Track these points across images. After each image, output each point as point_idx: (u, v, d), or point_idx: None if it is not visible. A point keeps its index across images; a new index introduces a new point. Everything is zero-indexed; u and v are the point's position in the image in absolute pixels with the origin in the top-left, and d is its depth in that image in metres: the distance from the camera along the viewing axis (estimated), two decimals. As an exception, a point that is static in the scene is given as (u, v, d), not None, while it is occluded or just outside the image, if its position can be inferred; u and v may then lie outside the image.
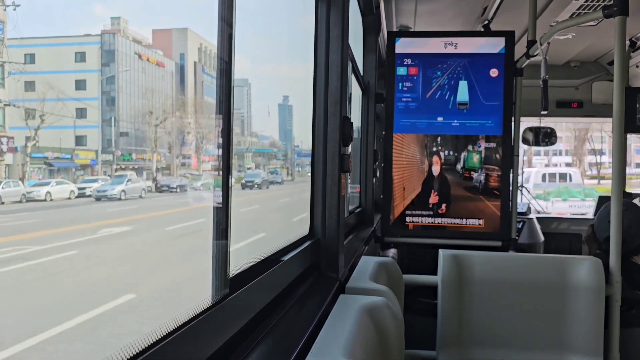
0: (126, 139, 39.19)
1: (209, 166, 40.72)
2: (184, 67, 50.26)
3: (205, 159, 41.53)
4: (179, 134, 40.83)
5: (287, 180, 38.47)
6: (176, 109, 42.33)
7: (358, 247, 2.45)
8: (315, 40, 1.80)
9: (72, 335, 5.61)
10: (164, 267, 9.41)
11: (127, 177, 22.49)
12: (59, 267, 8.76)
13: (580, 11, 3.26)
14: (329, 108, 1.76)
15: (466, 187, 3.26)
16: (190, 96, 46.09)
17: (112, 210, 17.28)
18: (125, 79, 40.23)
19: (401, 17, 3.69)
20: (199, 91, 49.69)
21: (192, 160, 41.80)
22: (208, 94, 49.35)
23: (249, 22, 10.24)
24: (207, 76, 51.85)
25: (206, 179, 29.14)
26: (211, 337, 0.97)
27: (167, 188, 25.67)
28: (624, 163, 2.46)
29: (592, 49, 4.20)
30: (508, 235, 3.21)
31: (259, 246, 7.61)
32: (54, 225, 13.35)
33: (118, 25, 42.73)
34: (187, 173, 37.49)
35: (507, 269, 2.39)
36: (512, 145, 3.24)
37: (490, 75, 3.22)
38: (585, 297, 2.25)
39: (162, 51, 46.90)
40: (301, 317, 1.33)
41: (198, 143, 40.94)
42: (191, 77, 50.72)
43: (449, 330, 2.37)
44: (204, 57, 53.29)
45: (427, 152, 3.30)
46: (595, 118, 4.80)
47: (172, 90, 45.64)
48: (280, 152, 49.58)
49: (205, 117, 42.83)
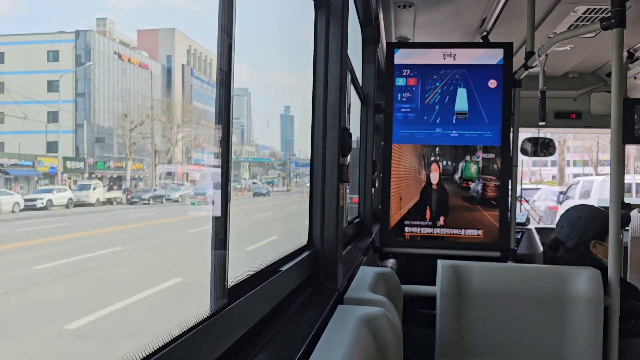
0: (103, 145, 35.30)
1: (197, 176, 38.30)
2: (170, 69, 46.75)
3: (193, 168, 39.22)
4: (164, 141, 37.78)
5: (281, 191, 35.83)
6: (161, 113, 39.05)
7: (357, 257, 2.45)
8: (315, 52, 1.81)
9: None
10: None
11: (91, 186, 20.54)
12: None
13: (578, 23, 3.28)
14: (328, 119, 1.77)
15: (464, 197, 3.27)
16: (178, 100, 42.59)
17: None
18: (102, 80, 36.56)
19: (400, 28, 3.71)
20: (187, 95, 46.30)
21: (177, 169, 38.56)
22: (198, 98, 46.98)
23: (250, 32, 10.21)
24: (196, 80, 48.76)
25: (186, 189, 26.95)
26: (209, 347, 0.97)
27: (138, 199, 23.01)
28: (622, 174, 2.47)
29: (590, 61, 4.23)
30: (507, 246, 3.21)
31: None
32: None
33: (104, 27, 40.44)
34: (171, 183, 34.30)
35: (506, 279, 2.39)
36: (510, 156, 3.25)
37: (489, 86, 3.23)
38: (584, 308, 2.25)
39: (148, 52, 43.69)
40: (299, 328, 1.33)
41: (185, 150, 38.68)
42: (178, 81, 47.05)
43: (447, 341, 2.36)
44: (193, 60, 49.92)
45: (424, 162, 3.31)
46: (593, 129, 4.82)
47: (156, 94, 41.61)
48: (278, 162, 47.83)
49: (194, 124, 40.62)
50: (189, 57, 49.15)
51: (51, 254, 9.87)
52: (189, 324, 0.92)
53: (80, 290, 7.80)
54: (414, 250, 3.32)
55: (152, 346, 0.80)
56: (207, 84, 49.09)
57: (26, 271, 8.64)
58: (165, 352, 0.81)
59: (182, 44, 48.55)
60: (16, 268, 8.71)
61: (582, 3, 2.96)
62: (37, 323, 6.20)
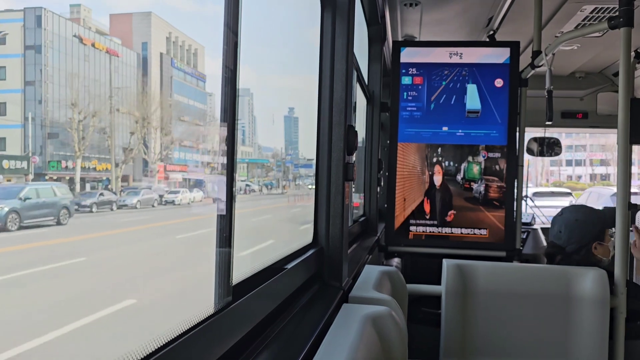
0: (55, 142, 29.17)
1: (179, 177, 35.60)
2: (146, 58, 40.70)
3: (175, 169, 36.36)
4: (133, 136, 32.38)
5: (272, 194, 32.36)
6: (134, 106, 33.51)
7: (362, 256, 2.45)
8: (321, 50, 1.81)
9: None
10: None
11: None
12: None
13: (585, 22, 3.26)
14: (334, 117, 1.77)
15: (466, 197, 3.26)
16: (155, 93, 36.87)
17: None
18: (58, 67, 30.18)
19: (406, 27, 3.70)
20: (167, 88, 40.63)
21: (156, 169, 35.00)
22: (180, 91, 41.91)
23: (255, 32, 10.05)
24: (178, 71, 43.09)
25: (148, 193, 22.89)
26: (213, 345, 0.97)
27: (77, 206, 17.86)
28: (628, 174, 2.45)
29: (597, 60, 4.20)
30: (512, 246, 3.20)
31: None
32: None
33: (78, 14, 35.48)
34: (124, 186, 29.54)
35: (512, 279, 2.38)
36: (516, 156, 3.24)
37: (495, 85, 3.22)
38: (590, 309, 2.24)
39: (120, 39, 38.00)
40: (304, 326, 1.33)
41: (163, 149, 34.90)
42: (156, 71, 41.05)
43: (452, 340, 2.36)
44: (174, 49, 43.93)
45: (427, 162, 3.30)
46: (600, 129, 4.80)
47: (127, 84, 35.63)
48: (278, 163, 44.53)
49: (176, 119, 37.19)
50: (169, 45, 43.83)
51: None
52: (194, 321, 0.92)
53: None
54: (419, 250, 3.31)
55: (157, 343, 0.80)
56: (191, 76, 44.88)
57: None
58: (170, 349, 0.81)
59: (161, 30, 43.08)
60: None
61: (589, 2, 2.95)
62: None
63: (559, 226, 2.54)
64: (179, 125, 37.67)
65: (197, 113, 43.48)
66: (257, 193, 33.09)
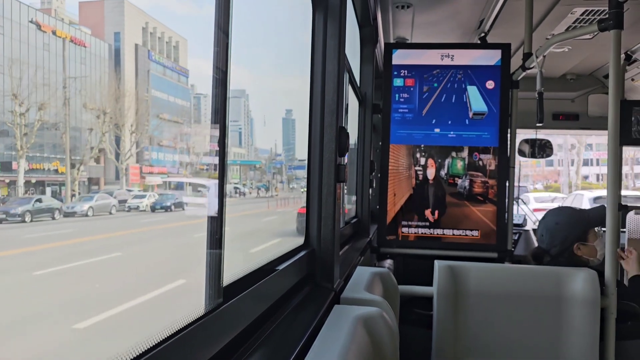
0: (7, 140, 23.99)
1: (158, 180, 31.65)
2: (119, 50, 36.80)
3: (153, 171, 32.82)
4: (98, 134, 27.82)
5: (262, 198, 29.33)
6: (100, 100, 28.91)
7: (354, 257, 2.45)
8: (312, 51, 1.81)
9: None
10: None
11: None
12: None
13: (576, 25, 3.28)
14: (326, 118, 1.77)
15: (451, 193, 3.29)
16: (130, 87, 32.90)
17: None
18: (9, 56, 25.04)
19: (398, 29, 3.71)
20: (143, 82, 36.50)
21: (130, 171, 31.42)
22: (158, 87, 37.77)
23: (247, 34, 9.84)
24: (156, 65, 39.09)
25: (104, 198, 19.08)
26: (204, 346, 0.96)
27: (5, 216, 14.88)
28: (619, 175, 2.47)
29: (587, 62, 4.23)
30: (504, 247, 3.22)
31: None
32: None
33: (49, 4, 32.23)
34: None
35: (503, 280, 2.39)
36: (508, 157, 3.25)
37: (487, 87, 3.24)
38: (581, 309, 2.25)
39: (91, 29, 33.11)
40: (295, 327, 1.33)
41: (139, 149, 31.71)
42: (130, 64, 37.13)
43: (444, 341, 2.36)
44: (151, 41, 39.87)
45: (414, 160, 3.32)
46: (591, 131, 4.83)
47: (93, 76, 30.86)
48: (275, 164, 41.16)
49: (154, 117, 33.93)
50: (146, 36, 39.80)
51: None
52: (184, 322, 0.92)
53: None
54: (411, 251, 3.32)
55: (147, 343, 0.80)
56: (171, 70, 40.81)
57: None
58: (159, 350, 0.80)
59: (136, 20, 38.98)
60: None
61: (579, 5, 2.97)
62: None
63: (541, 230, 2.56)
64: (160, 124, 34.99)
65: (178, 110, 39.76)
66: (247, 196, 30.93)
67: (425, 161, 3.30)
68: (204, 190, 29.58)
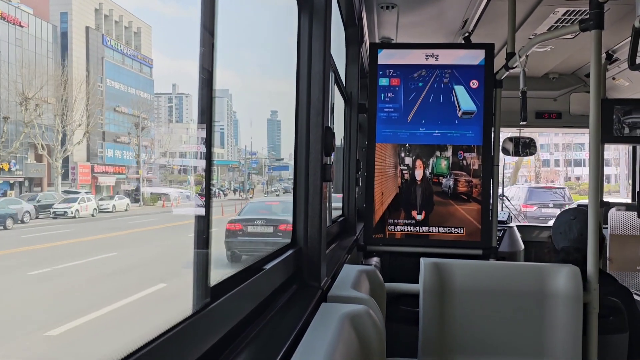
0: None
1: (112, 180, 29.13)
2: (66, 32, 32.00)
3: (106, 170, 29.59)
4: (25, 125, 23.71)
5: (232, 200, 26.34)
6: (48, 89, 24.99)
7: (340, 255, 2.46)
8: (298, 52, 1.82)
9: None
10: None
11: None
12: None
13: (558, 25, 3.33)
14: (311, 119, 1.78)
15: (437, 192, 3.32)
16: (79, 75, 28.50)
17: None
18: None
19: (383, 29, 3.73)
20: (95, 70, 32.14)
21: (77, 170, 27.71)
22: (115, 76, 33.68)
23: (232, 35, 9.62)
24: (111, 51, 34.71)
25: (12, 203, 15.52)
26: (191, 346, 0.97)
27: None
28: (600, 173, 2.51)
29: (570, 62, 4.29)
30: (489, 244, 3.25)
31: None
32: None
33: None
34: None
35: (488, 277, 2.42)
36: (492, 155, 3.29)
37: (471, 86, 3.27)
38: (564, 305, 2.28)
39: (33, 9, 29.16)
40: (283, 326, 1.34)
41: (88, 144, 28.20)
42: (79, 48, 32.42)
43: (430, 337, 2.39)
44: (106, 24, 35.27)
45: (399, 159, 3.34)
46: (573, 129, 4.90)
47: (28, 60, 26.28)
48: (251, 164, 37.57)
49: (111, 110, 30.54)
50: (100, 19, 35.33)
51: None
52: (171, 323, 0.92)
53: None
54: (397, 249, 3.34)
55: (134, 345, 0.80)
56: (131, 59, 36.90)
57: None
58: (147, 351, 0.81)
59: (87, 0, 34.40)
60: None
61: (561, 5, 3.01)
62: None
63: (579, 229, 2.50)
64: (114, 117, 30.45)
65: (139, 103, 35.25)
66: (223, 197, 29.08)
67: (413, 161, 3.33)
68: (185, 190, 28.01)
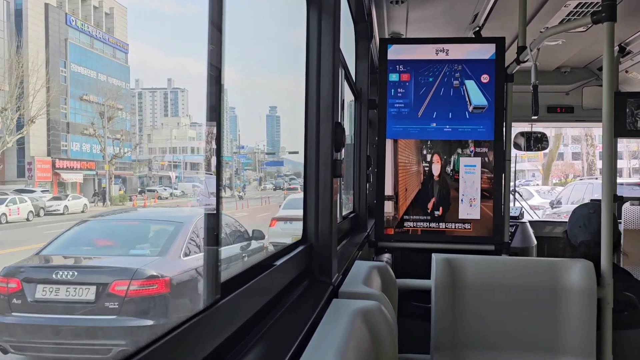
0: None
1: (79, 177, 25.77)
2: (21, 10, 27.03)
3: (72, 165, 25.48)
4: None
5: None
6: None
7: (352, 252, 2.46)
8: (307, 47, 1.82)
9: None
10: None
11: None
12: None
13: (569, 17, 3.29)
14: (321, 114, 1.78)
15: (457, 188, 3.29)
16: (36, 58, 24.18)
17: None
18: None
19: (393, 24, 3.71)
20: (56, 53, 27.86)
21: (34, 166, 23.94)
22: (82, 61, 29.40)
23: (239, 29, 9.49)
24: (77, 32, 30.26)
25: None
26: (202, 341, 0.97)
27: None
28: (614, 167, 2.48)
29: (582, 55, 4.25)
30: (501, 239, 3.23)
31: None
32: None
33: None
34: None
35: (500, 272, 2.41)
36: (504, 150, 3.26)
37: (482, 80, 3.24)
38: (577, 300, 2.26)
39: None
40: (294, 322, 1.34)
41: (52, 138, 24.53)
42: (36, 27, 27.31)
43: (442, 333, 2.38)
44: (71, 3, 30.57)
45: (421, 155, 3.32)
46: (585, 123, 4.85)
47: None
48: (241, 158, 35.38)
49: (77, 99, 26.25)
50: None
51: None
52: (181, 319, 0.93)
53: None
54: (408, 245, 3.33)
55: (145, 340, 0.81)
56: (102, 42, 32.18)
57: None
58: (158, 346, 0.81)
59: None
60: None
61: None
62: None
63: (599, 224, 2.42)
64: (81, 106, 26.85)
65: (111, 91, 30.61)
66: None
67: (431, 157, 3.31)
68: (196, 183, 26.04)
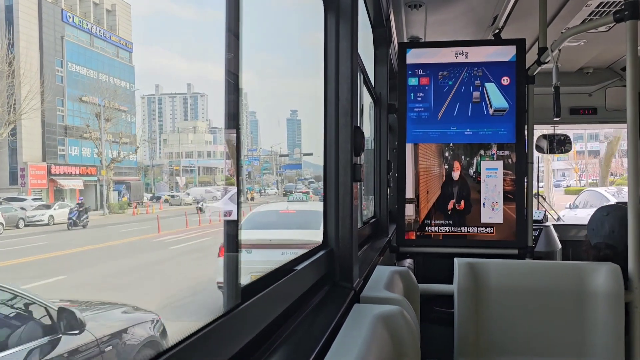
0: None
1: (79, 184, 24.78)
2: (12, 6, 24.87)
3: (69, 171, 24.68)
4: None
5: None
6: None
7: (373, 257, 2.45)
8: (325, 52, 1.82)
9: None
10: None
11: None
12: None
13: (591, 18, 3.25)
14: (340, 119, 1.78)
15: (479, 190, 3.25)
16: (29, 58, 22.68)
17: None
18: None
19: (411, 28, 3.71)
20: (53, 51, 26.01)
21: (27, 172, 22.17)
22: (81, 61, 27.63)
23: (256, 36, 9.34)
24: (75, 30, 28.20)
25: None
26: (222, 346, 0.98)
27: None
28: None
29: (604, 55, 4.18)
30: (524, 243, 3.18)
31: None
32: None
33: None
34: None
35: (524, 276, 2.37)
36: (526, 153, 3.22)
37: (502, 83, 3.21)
38: (605, 304, 2.22)
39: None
40: (315, 327, 1.33)
41: (48, 142, 23.17)
42: (28, 24, 25.31)
43: (466, 338, 2.35)
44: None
45: (443, 158, 3.29)
46: (609, 124, 4.77)
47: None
48: (253, 161, 31.80)
49: (77, 100, 24.96)
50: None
51: None
52: (202, 323, 0.93)
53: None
54: (430, 250, 3.30)
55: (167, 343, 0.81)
56: (103, 40, 30.50)
57: None
58: (180, 349, 0.82)
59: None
60: None
61: None
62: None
63: (610, 226, 2.46)
64: (80, 109, 25.51)
65: (108, 91, 28.94)
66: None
67: (452, 161, 3.28)
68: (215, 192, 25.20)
